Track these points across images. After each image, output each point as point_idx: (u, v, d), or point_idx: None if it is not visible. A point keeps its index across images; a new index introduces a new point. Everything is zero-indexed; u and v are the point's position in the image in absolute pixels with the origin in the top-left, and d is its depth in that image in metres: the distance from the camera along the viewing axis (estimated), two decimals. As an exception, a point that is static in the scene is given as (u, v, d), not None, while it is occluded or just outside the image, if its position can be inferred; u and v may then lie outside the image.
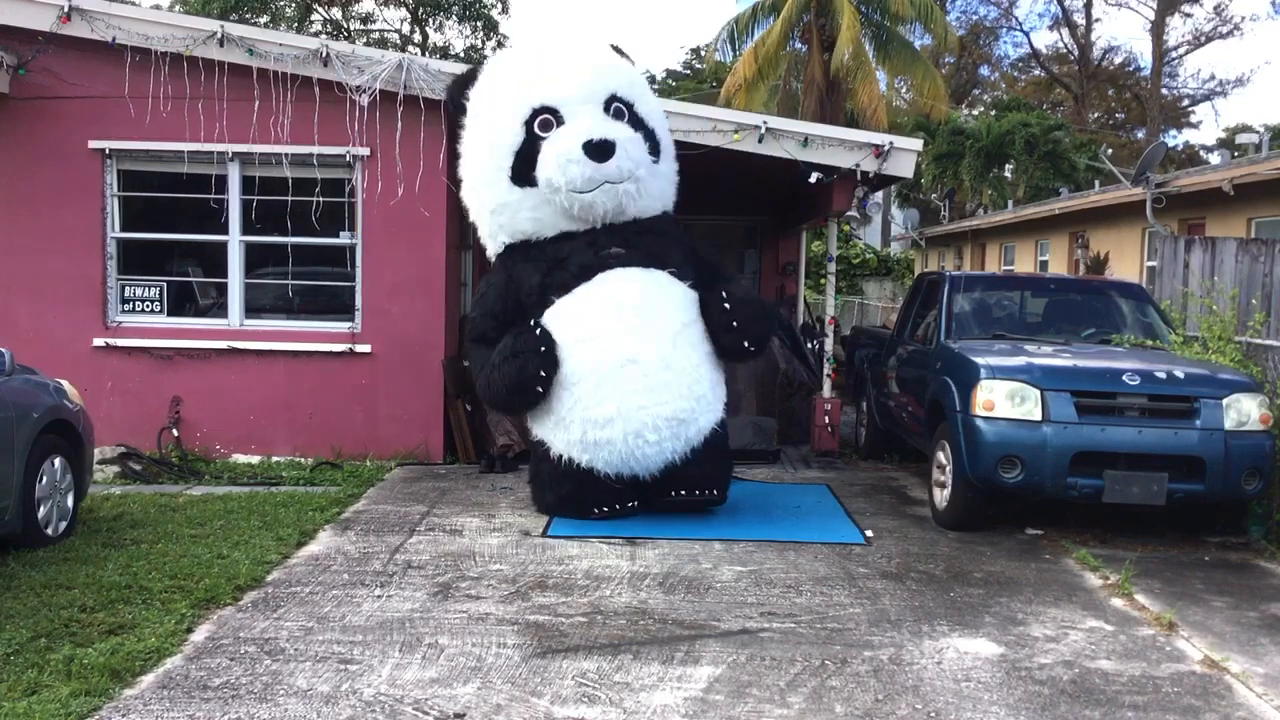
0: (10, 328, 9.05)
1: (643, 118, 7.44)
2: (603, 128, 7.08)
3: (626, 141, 7.10)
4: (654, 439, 6.95)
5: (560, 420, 7.08)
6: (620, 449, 6.96)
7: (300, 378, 9.48)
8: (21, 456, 6.23)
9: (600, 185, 7.00)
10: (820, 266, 18.59)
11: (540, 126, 7.21)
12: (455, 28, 32.69)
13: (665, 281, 7.24)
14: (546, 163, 7.07)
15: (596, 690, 4.53)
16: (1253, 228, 14.97)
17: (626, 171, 7.05)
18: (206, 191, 9.40)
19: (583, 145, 6.95)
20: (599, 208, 7.09)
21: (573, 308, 7.08)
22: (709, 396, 7.23)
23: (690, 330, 7.19)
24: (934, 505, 7.84)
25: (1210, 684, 4.84)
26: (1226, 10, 51.32)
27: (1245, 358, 8.19)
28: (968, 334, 8.53)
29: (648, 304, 7.07)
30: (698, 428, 7.15)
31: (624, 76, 7.70)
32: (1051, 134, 31.04)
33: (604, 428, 6.92)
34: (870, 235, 35.38)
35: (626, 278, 7.13)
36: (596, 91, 7.31)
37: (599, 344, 6.93)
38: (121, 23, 9.14)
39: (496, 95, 7.50)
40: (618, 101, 7.35)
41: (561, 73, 7.41)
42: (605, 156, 6.96)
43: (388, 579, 6.05)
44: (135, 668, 4.62)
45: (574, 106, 7.21)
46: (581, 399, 6.95)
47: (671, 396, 6.94)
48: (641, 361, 6.89)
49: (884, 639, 5.25)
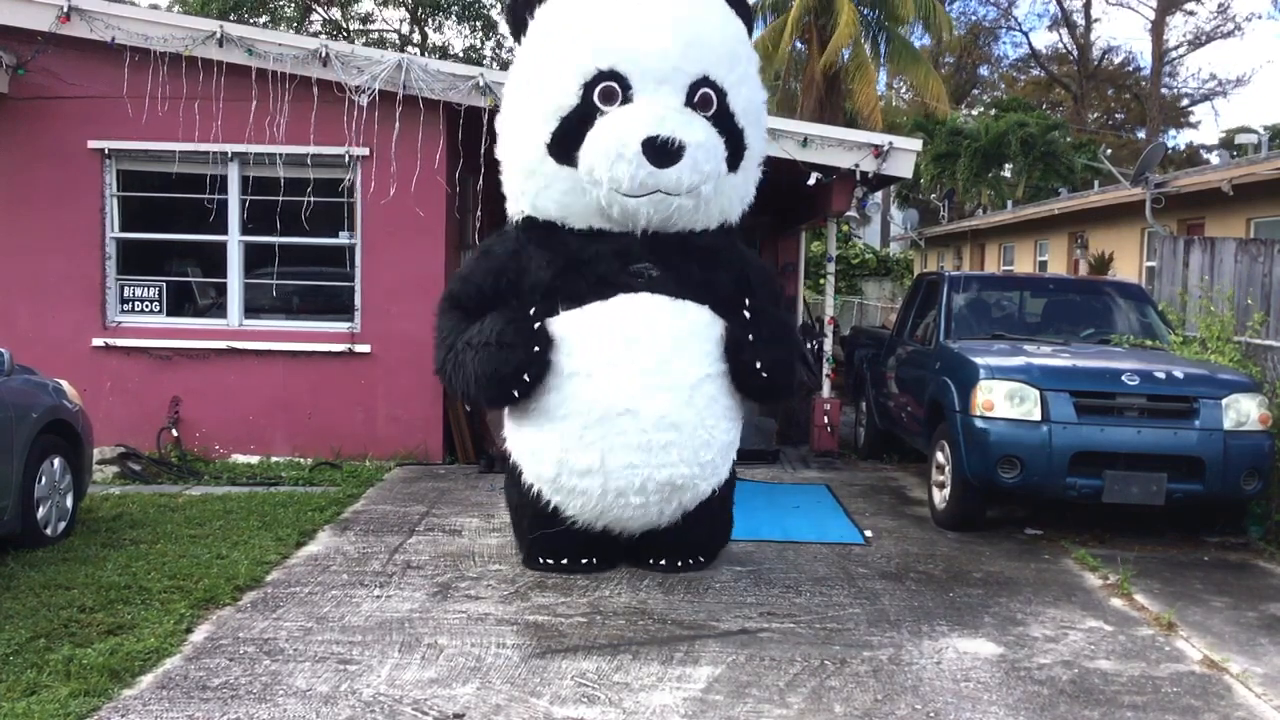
0: (9, 328, 9.04)
1: (734, 113, 5.81)
2: (676, 122, 5.50)
3: (701, 147, 5.53)
4: (638, 502, 5.77)
5: (535, 450, 5.90)
6: (596, 504, 5.81)
7: (299, 378, 9.47)
8: (20, 456, 6.22)
9: (651, 193, 5.54)
10: (819, 267, 18.58)
11: (602, 96, 5.60)
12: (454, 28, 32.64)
13: (698, 320, 5.82)
14: (594, 148, 5.55)
15: (596, 690, 4.53)
16: (1252, 228, 14.97)
17: (688, 185, 5.55)
18: (205, 191, 9.40)
19: (642, 141, 5.41)
20: (642, 217, 5.65)
21: (576, 329, 5.72)
22: (718, 461, 5.96)
23: (714, 383, 5.83)
24: (933, 505, 7.84)
25: (1209, 684, 4.84)
26: (1229, 9, 51.33)
27: (1244, 358, 8.19)
28: (967, 334, 8.53)
29: (667, 346, 5.70)
30: (695, 494, 5.93)
31: (727, 50, 5.88)
32: (1049, 134, 31.04)
33: (582, 477, 5.74)
34: (870, 235, 35.39)
35: (650, 308, 5.72)
36: (684, 67, 5.65)
37: (595, 383, 5.65)
38: (120, 23, 9.14)
39: (561, 33, 5.82)
40: (708, 86, 5.70)
41: (647, 30, 5.66)
42: (668, 162, 5.44)
43: (387, 579, 6.05)
44: (134, 668, 4.62)
45: (649, 82, 5.60)
46: (563, 437, 5.73)
47: (672, 460, 5.71)
48: (642, 415, 5.62)
49: (883, 639, 5.25)
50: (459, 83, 9.15)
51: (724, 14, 5.98)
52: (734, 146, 5.81)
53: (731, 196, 5.96)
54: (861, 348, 11.53)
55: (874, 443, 10.57)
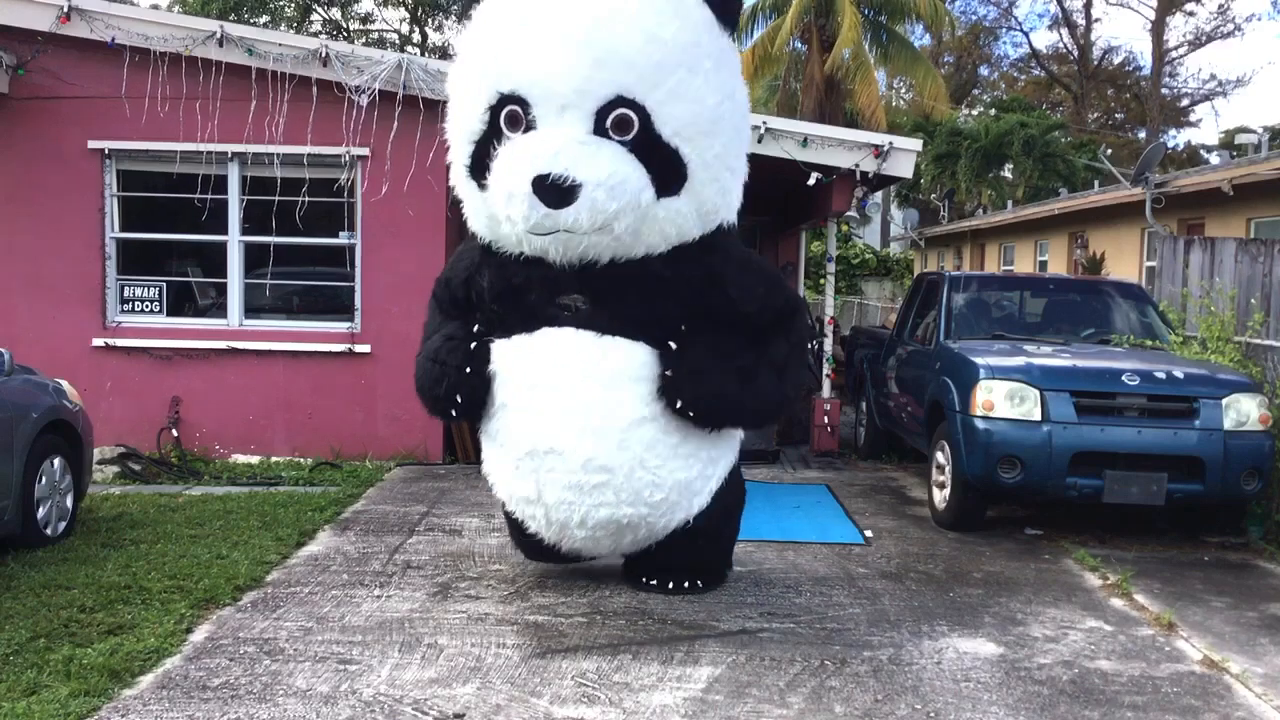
0: (10, 327, 9.05)
1: (661, 135, 5.04)
2: (573, 156, 4.86)
3: (601, 185, 4.85)
4: (583, 535, 5.43)
5: (492, 471, 5.69)
6: (547, 531, 5.54)
7: (299, 378, 9.48)
8: (21, 456, 6.23)
9: (553, 233, 4.95)
10: (819, 267, 18.60)
11: (507, 120, 5.10)
12: (454, 27, 32.68)
13: (629, 359, 5.23)
14: (493, 182, 5.09)
15: (596, 690, 4.53)
16: (1252, 228, 14.97)
17: (589, 225, 4.90)
18: (205, 191, 9.40)
19: (532, 180, 4.82)
20: (553, 254, 5.08)
21: (504, 360, 5.36)
22: (674, 499, 5.41)
23: (655, 424, 5.25)
24: (933, 505, 7.84)
25: (1209, 684, 4.84)
26: (1229, 9, 51.29)
27: (1244, 358, 8.20)
28: (967, 334, 8.53)
29: (591, 387, 5.18)
30: (654, 531, 5.52)
31: (657, 59, 5.01)
32: (1049, 134, 31.06)
33: (525, 505, 5.51)
34: (869, 235, 35.42)
35: (571, 346, 5.21)
36: (591, 89, 4.96)
37: (521, 418, 5.31)
38: (120, 23, 9.15)
39: (474, 52, 5.34)
40: (625, 107, 4.97)
41: (548, 48, 4.99)
42: (562, 202, 4.83)
43: (387, 579, 6.05)
44: (134, 668, 4.62)
45: (548, 108, 5.01)
46: (504, 462, 5.50)
47: (608, 500, 5.26)
48: (568, 456, 5.20)
49: (883, 639, 5.25)
50: (459, 83, 9.13)
51: (662, 9, 5.06)
52: (666, 170, 5.06)
53: (678, 220, 5.19)
54: (861, 348, 11.53)
55: (874, 443, 10.57)
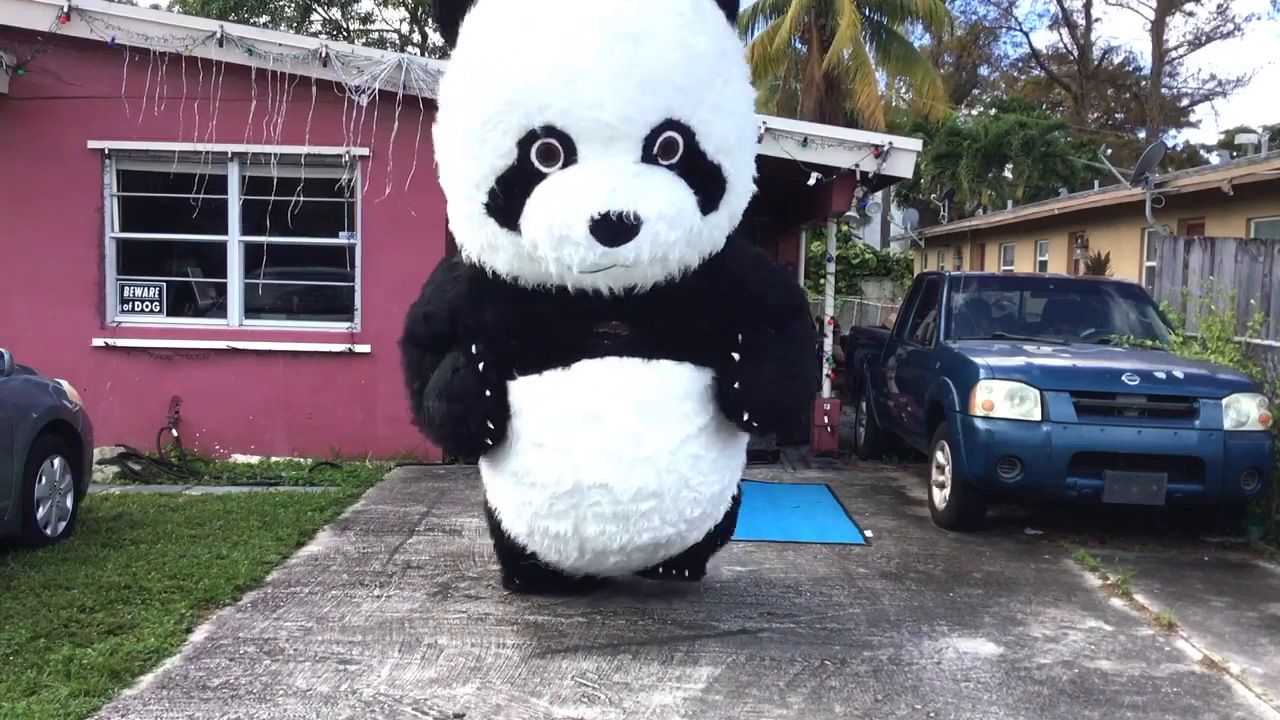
0: (9, 327, 9.04)
1: (707, 152, 4.70)
2: (630, 192, 4.46)
3: (663, 217, 4.50)
4: (617, 560, 5.21)
5: (508, 507, 5.30)
6: (573, 560, 5.25)
7: (299, 378, 9.48)
8: (21, 456, 6.23)
9: (608, 269, 4.61)
10: (819, 267, 18.59)
11: (540, 155, 4.58)
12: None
13: (677, 379, 4.96)
14: (536, 224, 4.58)
15: (596, 690, 4.53)
16: (1252, 228, 14.97)
17: (650, 258, 4.56)
18: (205, 191, 9.40)
19: (590, 222, 4.41)
20: (602, 288, 4.76)
21: (537, 400, 4.93)
22: (708, 511, 5.26)
23: (697, 440, 5.03)
24: (933, 505, 7.84)
25: (1209, 684, 4.84)
26: (1228, 9, 51.32)
27: (1244, 358, 8.20)
28: (967, 334, 8.53)
29: (638, 417, 4.87)
30: (686, 545, 5.37)
31: (697, 75, 4.65)
32: (1049, 134, 31.06)
33: (555, 540, 5.15)
34: (869, 235, 35.42)
35: (620, 375, 4.88)
36: (640, 116, 4.53)
37: (562, 460, 4.89)
38: (120, 23, 9.14)
39: (492, 71, 4.68)
40: (672, 129, 4.58)
41: (590, 78, 4.47)
42: (623, 239, 4.45)
43: (387, 579, 6.05)
44: (134, 668, 4.62)
45: (596, 141, 4.54)
46: (534, 503, 5.10)
47: (654, 525, 5.02)
48: (617, 489, 4.88)
49: (883, 639, 5.25)
50: (459, 83, 9.14)
51: (692, 20, 4.68)
52: (710, 187, 4.77)
53: (714, 233, 4.93)
54: (861, 348, 11.53)
55: (874, 443, 10.57)
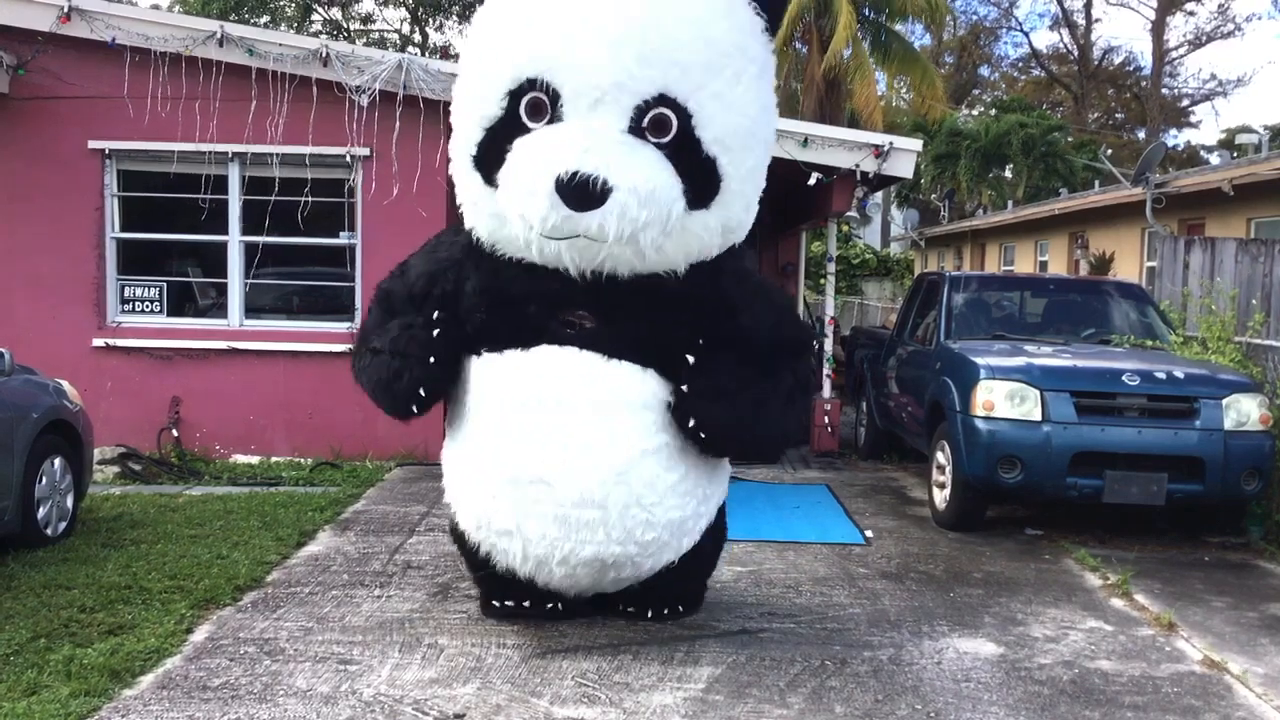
0: (10, 327, 9.03)
1: (701, 140, 4.57)
2: (605, 156, 4.37)
3: (634, 191, 4.35)
4: (563, 573, 4.90)
5: (460, 498, 5.13)
6: (519, 564, 4.96)
7: (300, 378, 9.47)
8: (21, 457, 6.23)
9: (572, 237, 4.47)
10: (820, 267, 18.56)
11: (529, 109, 4.56)
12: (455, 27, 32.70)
13: (636, 387, 4.75)
14: (508, 176, 4.55)
15: (596, 690, 4.53)
16: (1252, 228, 14.97)
17: (616, 235, 4.39)
18: (206, 191, 9.40)
19: (556, 178, 4.31)
20: (567, 262, 4.60)
21: (491, 377, 4.85)
22: (666, 539, 4.92)
23: (657, 458, 4.77)
24: (933, 505, 7.84)
25: (1210, 684, 4.84)
26: (1229, 9, 51.31)
27: (1245, 358, 8.20)
28: (967, 334, 8.53)
29: (591, 416, 4.69)
30: (640, 572, 5.02)
31: (706, 57, 4.56)
32: (1050, 134, 31.07)
33: (500, 537, 4.92)
34: (870, 235, 35.40)
35: (574, 368, 4.71)
36: (631, 84, 4.46)
37: (506, 443, 4.77)
38: (121, 23, 9.15)
39: (497, 28, 4.76)
40: (665, 106, 4.50)
41: (588, 32, 4.45)
42: (587, 205, 4.32)
43: (387, 579, 6.05)
44: (135, 668, 4.62)
45: (581, 100, 4.49)
46: (480, 491, 4.94)
47: (597, 539, 4.76)
48: (557, 489, 4.68)
49: (884, 639, 5.25)
50: (459, 83, 9.14)
51: (717, 9, 4.63)
52: (701, 179, 4.60)
53: (703, 236, 4.74)
54: (862, 348, 11.53)
55: (874, 443, 10.57)
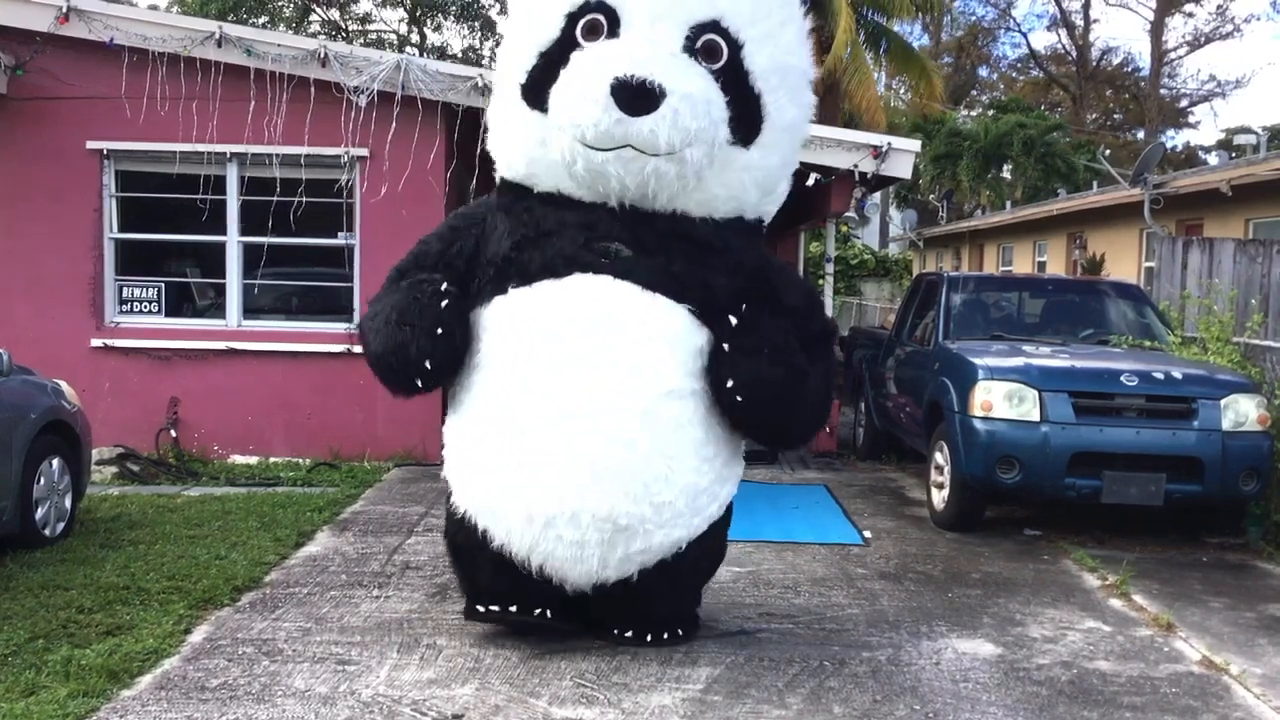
0: (8, 328, 9.02)
1: (749, 72, 4.64)
2: (661, 65, 4.42)
3: (687, 98, 4.39)
4: (571, 537, 4.59)
5: (463, 461, 4.88)
6: (523, 534, 4.66)
7: (298, 378, 9.47)
8: (19, 457, 6.22)
9: (620, 147, 4.43)
10: (818, 267, 18.58)
11: (585, 29, 4.60)
12: (453, 28, 32.68)
13: (670, 321, 4.65)
14: (562, 86, 4.53)
15: (595, 691, 4.53)
16: (1251, 228, 14.98)
17: (667, 143, 4.38)
18: (204, 192, 9.39)
19: (613, 80, 4.33)
20: (610, 178, 4.53)
21: (520, 311, 4.69)
22: (680, 506, 4.68)
23: (682, 404, 4.63)
24: (932, 506, 7.84)
25: (1208, 684, 4.84)
26: (1228, 10, 51.39)
27: (1243, 358, 8.20)
28: (966, 335, 8.53)
29: (623, 345, 4.56)
30: (650, 545, 4.68)
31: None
32: (1049, 135, 31.07)
33: (509, 496, 4.64)
34: (868, 236, 35.39)
35: (608, 296, 4.61)
36: (687, 6, 4.60)
37: (531, 376, 4.60)
38: (119, 23, 9.13)
39: None
40: (715, 33, 4.59)
41: None
42: (641, 108, 4.33)
43: (386, 580, 6.04)
44: (133, 669, 4.62)
45: (641, 17, 4.58)
46: (491, 442, 4.71)
47: (615, 489, 4.53)
48: (585, 425, 4.52)
49: (882, 640, 5.25)
50: (457, 83, 9.16)
51: None
52: (745, 112, 4.63)
53: (743, 179, 4.75)
54: (860, 348, 11.53)
55: (873, 443, 10.57)
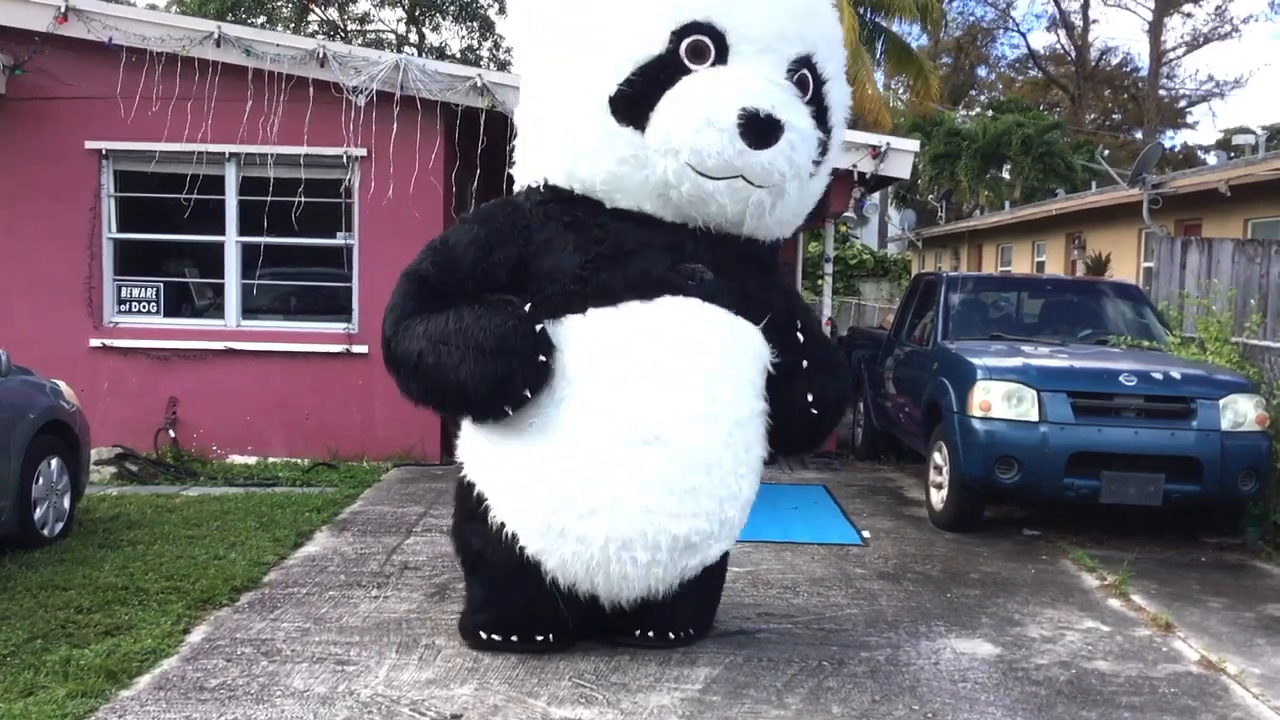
0: (6, 328, 9.02)
1: (829, 107, 4.77)
2: (780, 98, 4.43)
3: (800, 133, 4.46)
4: (644, 560, 4.59)
5: (521, 482, 4.70)
6: (594, 558, 4.60)
7: (297, 378, 9.47)
8: (18, 457, 6.22)
9: (733, 178, 4.40)
10: (817, 267, 18.59)
11: (691, 51, 4.46)
12: (452, 28, 32.64)
13: (753, 342, 4.72)
14: (676, 110, 4.39)
15: (593, 691, 4.53)
16: (1249, 229, 15.00)
17: (778, 175, 4.43)
18: (203, 192, 9.39)
19: (740, 112, 4.29)
20: (714, 205, 4.49)
21: (607, 333, 4.57)
22: (736, 520, 4.87)
23: (755, 424, 4.78)
24: (931, 506, 7.85)
25: (1207, 684, 4.84)
26: (1226, 11, 51.42)
27: (1242, 359, 8.21)
28: (965, 335, 8.54)
29: (719, 369, 4.60)
30: (703, 559, 4.82)
31: (832, 32, 4.90)
32: (1048, 134, 31.08)
33: (583, 519, 4.56)
34: (867, 236, 35.41)
35: (704, 320, 4.58)
36: (789, 40, 4.58)
37: (620, 402, 4.52)
38: (118, 23, 9.13)
39: None
40: (808, 69, 4.63)
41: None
42: (765, 142, 4.32)
43: (384, 580, 6.04)
44: (132, 669, 4.62)
45: (750, 46, 4.50)
46: (565, 465, 4.57)
47: (694, 510, 4.58)
48: (672, 447, 4.50)
49: (881, 640, 5.25)
50: (456, 83, 9.17)
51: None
52: (823, 146, 4.73)
53: (802, 206, 4.81)
54: (859, 348, 11.52)
55: (872, 443, 10.57)
